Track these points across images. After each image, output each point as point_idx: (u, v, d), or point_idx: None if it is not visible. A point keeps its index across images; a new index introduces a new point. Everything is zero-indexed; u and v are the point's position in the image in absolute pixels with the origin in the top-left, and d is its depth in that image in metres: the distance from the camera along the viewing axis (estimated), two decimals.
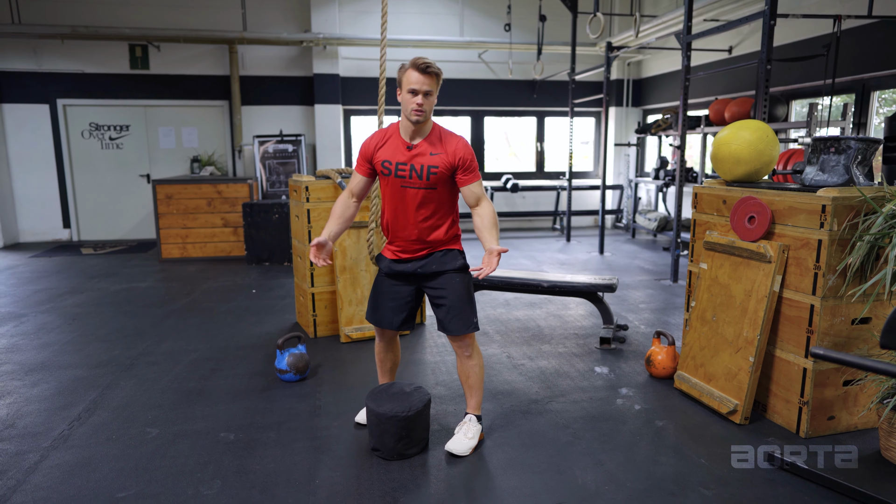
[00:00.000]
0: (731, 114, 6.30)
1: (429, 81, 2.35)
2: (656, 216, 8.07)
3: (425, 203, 2.47)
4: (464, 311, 2.53)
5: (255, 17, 8.15)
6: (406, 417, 2.49)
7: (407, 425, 2.50)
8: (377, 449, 2.57)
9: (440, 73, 2.40)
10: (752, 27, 6.56)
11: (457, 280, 2.54)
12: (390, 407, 2.52)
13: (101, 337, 4.20)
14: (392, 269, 2.60)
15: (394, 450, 2.52)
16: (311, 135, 8.65)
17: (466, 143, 2.48)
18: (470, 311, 2.55)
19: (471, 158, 2.46)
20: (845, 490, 2.24)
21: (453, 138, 2.47)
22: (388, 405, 2.53)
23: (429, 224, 2.49)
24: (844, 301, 2.60)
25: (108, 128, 8.27)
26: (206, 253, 7.08)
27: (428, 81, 2.35)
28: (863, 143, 2.72)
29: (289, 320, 4.59)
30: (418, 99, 2.35)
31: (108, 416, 2.97)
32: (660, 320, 4.56)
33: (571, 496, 2.27)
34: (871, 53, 5.27)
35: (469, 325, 2.54)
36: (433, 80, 2.37)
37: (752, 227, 2.84)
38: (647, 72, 9.38)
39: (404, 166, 2.44)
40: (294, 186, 4.24)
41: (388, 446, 2.52)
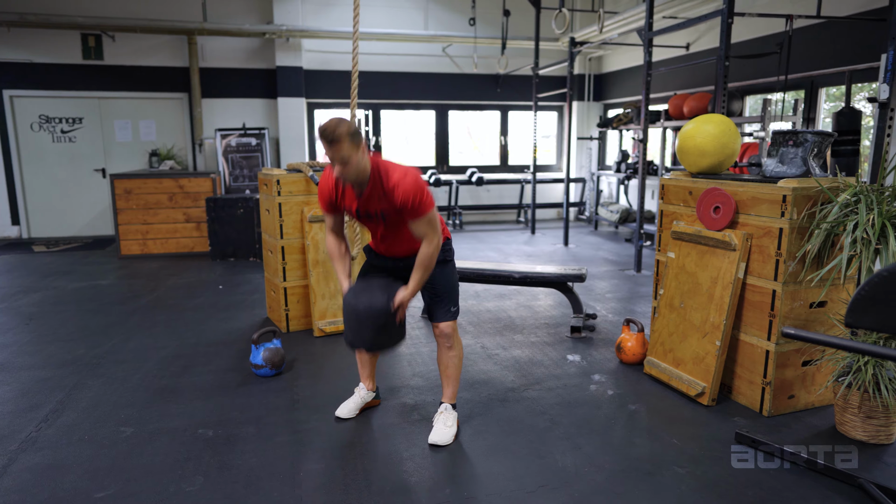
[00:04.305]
0: (689, 108, 6.51)
1: (336, 149, 2.20)
2: (618, 208, 8.27)
3: (397, 227, 2.48)
4: (444, 300, 2.60)
5: (215, 7, 7.95)
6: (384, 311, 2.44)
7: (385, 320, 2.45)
8: (354, 343, 2.52)
9: (344, 135, 2.19)
10: (708, 25, 6.77)
11: (437, 271, 2.58)
12: (368, 301, 2.44)
13: (62, 336, 4.06)
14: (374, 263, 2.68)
15: (373, 342, 2.50)
16: (275, 128, 8.52)
17: (410, 184, 2.29)
18: (450, 299, 2.62)
19: (413, 201, 2.29)
20: (803, 462, 2.38)
21: (396, 182, 2.30)
22: (366, 298, 2.45)
23: (407, 236, 2.52)
24: (804, 286, 2.75)
25: (60, 120, 7.94)
26: (167, 249, 6.90)
27: (335, 149, 2.20)
28: (818, 136, 2.87)
29: (259, 315, 4.54)
30: (337, 169, 2.25)
31: (77, 416, 2.89)
32: (626, 308, 4.70)
33: (553, 478, 2.34)
34: (820, 52, 5.53)
35: (447, 314, 2.61)
36: (341, 146, 2.20)
37: (718, 216, 2.97)
38: (607, 67, 9.58)
39: (362, 210, 2.45)
40: (265, 180, 4.18)
41: (367, 339, 2.49)
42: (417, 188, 2.30)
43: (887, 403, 2.49)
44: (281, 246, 4.05)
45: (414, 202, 2.30)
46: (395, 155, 9.39)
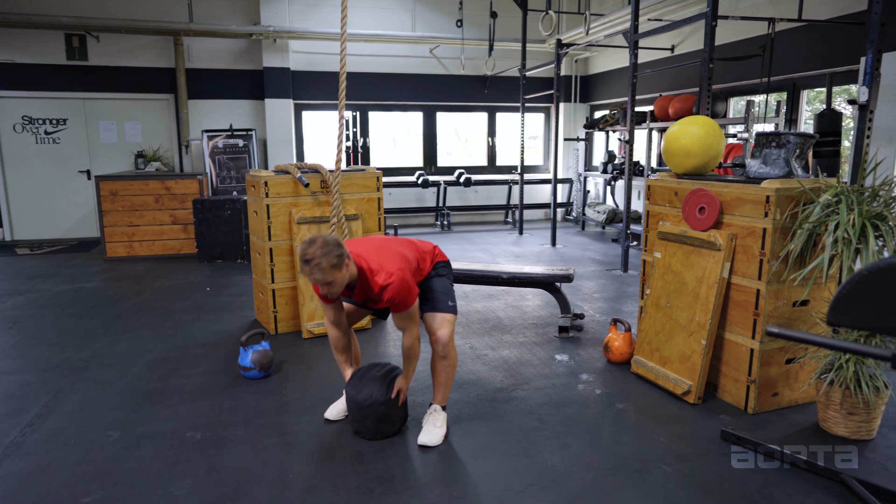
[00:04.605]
0: (674, 110, 6.57)
1: (319, 277, 2.25)
2: (605, 209, 8.33)
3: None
4: (442, 296, 2.69)
5: (201, 8, 7.91)
6: (385, 401, 2.62)
7: (386, 409, 2.63)
8: (359, 432, 2.68)
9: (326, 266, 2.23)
10: (692, 27, 6.85)
11: (434, 280, 2.73)
12: (368, 393, 2.63)
13: (47, 340, 4.02)
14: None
15: (377, 431, 2.65)
16: (262, 129, 8.48)
17: (396, 286, 2.39)
18: (447, 296, 2.71)
19: (399, 299, 2.42)
20: (788, 459, 2.42)
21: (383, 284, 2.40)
22: (367, 391, 2.63)
23: None
24: (787, 285, 2.80)
25: (44, 121, 7.84)
26: (154, 251, 6.85)
27: (317, 277, 2.25)
28: (801, 137, 2.92)
29: (247, 317, 4.52)
30: (322, 290, 2.36)
31: (63, 420, 2.86)
32: (613, 308, 4.74)
33: (542, 478, 2.36)
34: (801, 55, 5.62)
35: (446, 306, 2.67)
36: (324, 274, 2.24)
37: (703, 217, 3.01)
38: (593, 69, 9.64)
39: (355, 302, 2.67)
40: (252, 182, 4.17)
41: (370, 429, 2.65)
42: (403, 288, 2.42)
43: (868, 400, 2.54)
44: (269, 247, 4.04)
45: (400, 301, 2.44)
46: (382, 157, 9.38)
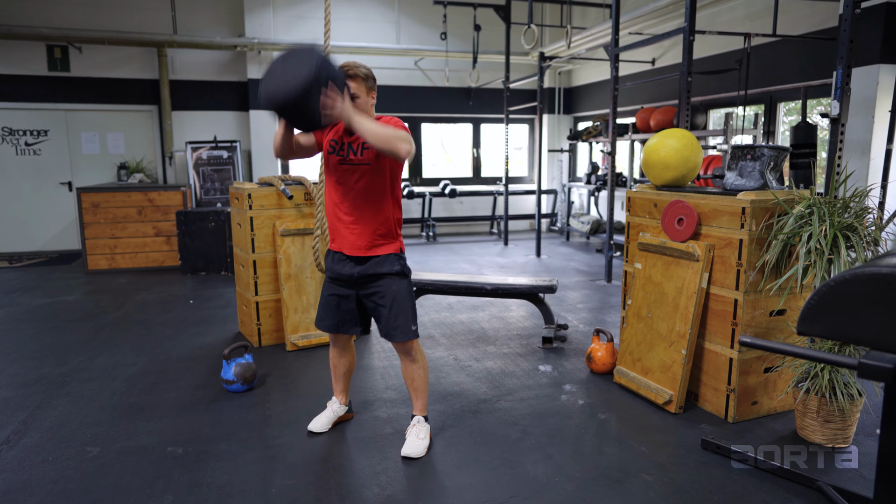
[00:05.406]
0: (656, 121, 6.68)
1: (352, 83, 2.45)
2: (589, 219, 8.41)
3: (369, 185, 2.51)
4: (402, 318, 2.56)
5: (185, 19, 7.91)
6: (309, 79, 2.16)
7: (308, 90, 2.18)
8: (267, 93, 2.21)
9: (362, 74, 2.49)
10: (672, 41, 6.98)
11: (395, 286, 2.57)
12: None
13: (26, 354, 3.96)
14: (334, 270, 2.63)
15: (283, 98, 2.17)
16: (247, 141, 8.47)
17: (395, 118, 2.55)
18: (409, 317, 2.59)
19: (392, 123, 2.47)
20: (766, 467, 2.46)
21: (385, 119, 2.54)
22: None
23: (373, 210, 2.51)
24: (763, 295, 2.85)
25: (24, 132, 7.77)
26: (136, 263, 6.79)
27: (351, 80, 2.44)
28: (774, 150, 2.99)
29: (231, 330, 4.50)
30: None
31: (41, 436, 2.82)
32: (597, 319, 4.78)
33: (525, 489, 2.37)
34: (777, 69, 5.75)
35: (407, 332, 2.58)
36: (357, 82, 2.47)
37: (682, 228, 3.06)
38: (576, 81, 9.77)
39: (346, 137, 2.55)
40: (236, 194, 4.16)
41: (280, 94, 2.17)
42: (400, 123, 2.50)
43: (843, 407, 2.59)
44: (253, 260, 4.03)
45: (393, 124, 2.46)
46: None
